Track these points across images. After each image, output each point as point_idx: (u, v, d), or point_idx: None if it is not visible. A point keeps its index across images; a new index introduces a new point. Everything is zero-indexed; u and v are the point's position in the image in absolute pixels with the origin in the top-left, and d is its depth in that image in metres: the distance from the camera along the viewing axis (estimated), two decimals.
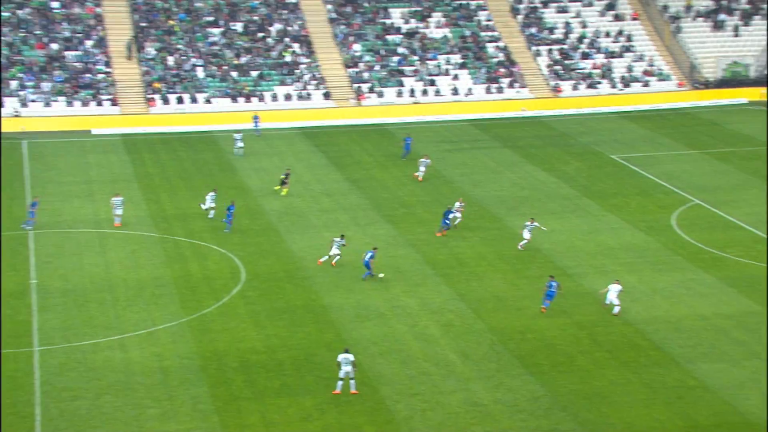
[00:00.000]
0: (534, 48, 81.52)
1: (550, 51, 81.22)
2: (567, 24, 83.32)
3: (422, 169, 57.41)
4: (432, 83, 77.20)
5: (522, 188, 56.10)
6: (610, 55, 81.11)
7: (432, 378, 34.00)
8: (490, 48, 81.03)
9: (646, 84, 78.72)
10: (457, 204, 49.52)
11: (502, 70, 78.92)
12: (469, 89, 76.99)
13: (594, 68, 79.85)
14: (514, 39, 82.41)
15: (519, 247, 45.72)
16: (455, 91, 76.82)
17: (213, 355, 35.29)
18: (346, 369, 32.38)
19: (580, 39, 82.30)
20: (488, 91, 77.18)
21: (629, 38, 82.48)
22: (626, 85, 78.51)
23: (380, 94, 75.89)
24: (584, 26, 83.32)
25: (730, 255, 44.34)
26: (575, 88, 78.26)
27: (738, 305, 39.06)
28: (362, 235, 48.11)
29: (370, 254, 42.03)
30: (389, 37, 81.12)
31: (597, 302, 39.73)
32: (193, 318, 38.29)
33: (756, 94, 77.15)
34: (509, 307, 39.76)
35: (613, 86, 78.42)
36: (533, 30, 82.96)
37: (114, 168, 59.71)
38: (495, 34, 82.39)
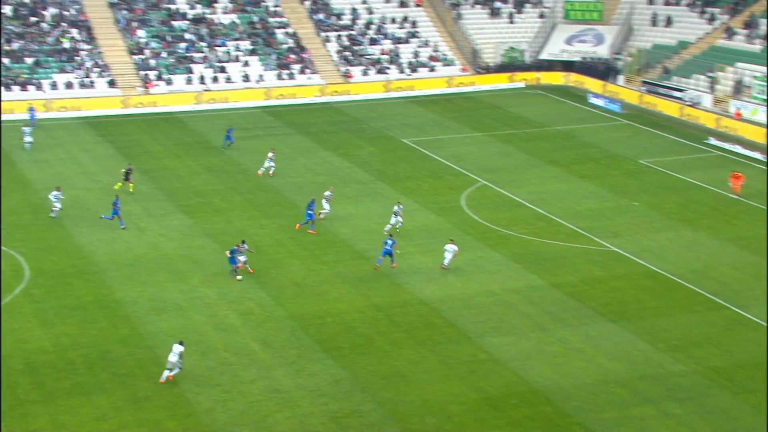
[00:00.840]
0: (323, 34, 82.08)
1: (339, 37, 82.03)
2: (354, 10, 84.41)
3: (268, 164, 55.20)
4: (222, 70, 76.18)
5: (317, 174, 56.43)
6: (397, 41, 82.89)
7: (233, 368, 33.70)
8: (280, 34, 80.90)
9: (432, 69, 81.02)
10: (327, 193, 48.52)
11: (293, 56, 78.98)
12: (261, 76, 76.54)
13: (382, 54, 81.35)
14: (302, 25, 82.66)
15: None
16: (246, 78, 76.16)
17: None
18: (171, 359, 32.10)
19: (368, 25, 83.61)
20: (280, 77, 77.01)
21: (414, 24, 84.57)
22: (413, 71, 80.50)
23: (169, 82, 74.12)
24: (371, 12, 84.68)
25: (515, 233, 46.50)
26: (365, 73, 79.43)
27: (524, 280, 41.02)
28: (157, 226, 46.93)
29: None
30: (175, 23, 79.37)
31: (394, 284, 40.64)
32: None
33: (532, 77, 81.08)
34: (309, 293, 39.97)
35: (402, 71, 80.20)
36: (321, 16, 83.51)
37: None
38: (284, 20, 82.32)
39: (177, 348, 32.47)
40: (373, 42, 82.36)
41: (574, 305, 38.44)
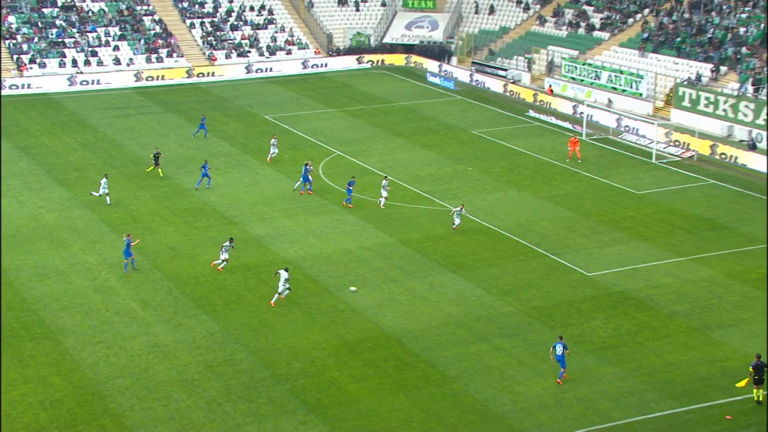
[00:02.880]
0: (188, 21, 79.73)
1: (202, 24, 79.87)
2: None
3: (274, 150, 52.00)
4: (94, 54, 72.92)
5: (188, 149, 55.00)
6: (256, 27, 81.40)
7: (114, 326, 32.71)
8: (147, 21, 78.02)
9: (288, 52, 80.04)
10: (308, 166, 46.26)
11: (160, 41, 76.38)
12: (131, 59, 73.74)
13: (243, 39, 79.76)
14: (168, 12, 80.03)
15: (380, 205, 44.45)
16: (117, 61, 73.22)
17: None
18: (280, 286, 33.70)
19: (229, 13, 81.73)
20: (149, 60, 74.38)
21: (271, 12, 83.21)
22: (272, 54, 79.30)
23: (42, 65, 70.39)
24: (231, 1, 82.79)
25: (367, 197, 46.78)
26: (228, 56, 77.72)
27: (376, 239, 41.38)
28: (37, 198, 44.79)
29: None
30: (46, 10, 75.29)
31: (261, 246, 40.25)
32: None
33: (378, 59, 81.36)
34: (183, 256, 39.09)
35: (261, 54, 78.89)
36: (185, 4, 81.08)
37: None
38: (150, 8, 79.44)
39: (284, 274, 33.72)
40: (234, 28, 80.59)
41: (420, 259, 39.09)
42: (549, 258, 39.07)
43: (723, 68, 61.46)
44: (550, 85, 68.93)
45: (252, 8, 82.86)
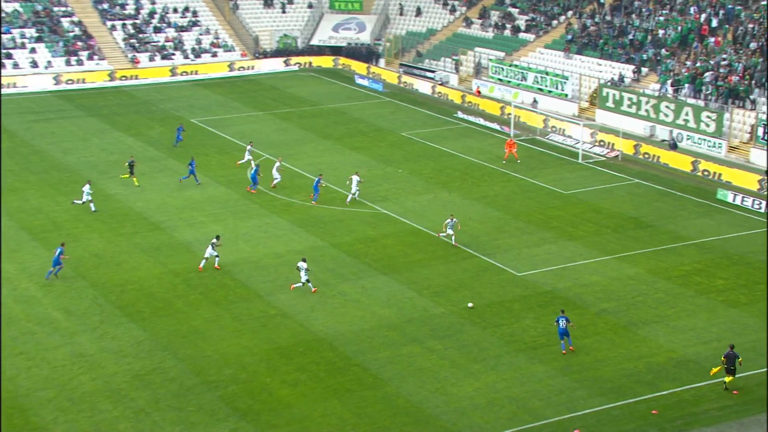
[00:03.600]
0: (109, 23, 78.26)
1: (124, 25, 78.51)
2: (137, 0, 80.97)
3: (248, 156, 51.25)
4: (9, 56, 70.96)
5: (111, 153, 53.99)
6: (180, 29, 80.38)
7: (36, 336, 31.89)
8: (66, 22, 76.31)
9: (214, 55, 79.24)
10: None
11: (80, 43, 74.79)
12: (49, 62, 72.00)
13: (167, 41, 78.66)
14: (87, 14, 78.48)
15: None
16: (34, 64, 71.40)
17: None
18: (301, 275, 35.44)
19: (151, 14, 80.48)
20: (68, 63, 72.74)
21: (195, 14, 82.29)
22: (197, 56, 78.41)
23: None
24: (153, 2, 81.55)
25: (297, 200, 46.62)
26: (152, 59, 76.55)
27: (306, 242, 41.26)
28: None
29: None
30: None
31: (189, 251, 39.73)
32: None
33: (305, 61, 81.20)
34: (108, 263, 38.34)
35: (186, 57, 77.92)
36: (105, 6, 79.56)
37: None
38: (68, 9, 77.76)
39: (302, 264, 35.34)
40: (158, 30, 79.43)
41: (351, 262, 39.13)
42: (479, 259, 39.52)
43: (644, 69, 63.20)
44: (478, 87, 69.82)
45: (175, 10, 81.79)
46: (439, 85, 72.18)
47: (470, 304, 34.79)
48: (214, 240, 37.96)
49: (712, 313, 34.32)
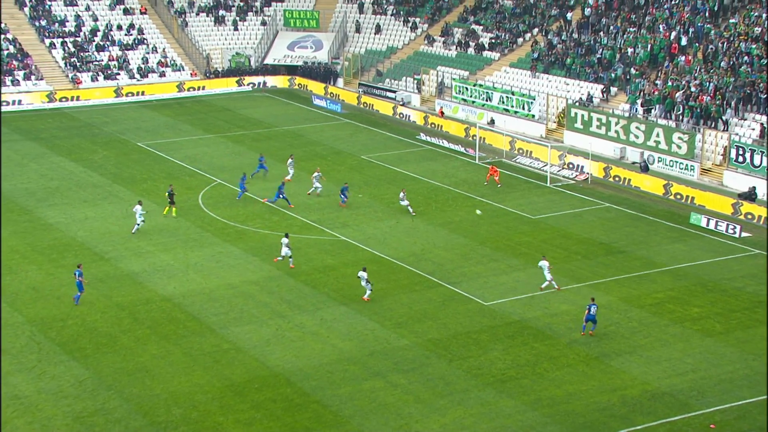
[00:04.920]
0: (47, 40, 77.73)
1: (64, 43, 78.00)
2: (78, 17, 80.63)
3: (291, 171, 53.96)
4: None
5: (51, 179, 53.42)
6: (125, 47, 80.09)
7: None
8: None
9: (162, 74, 79.02)
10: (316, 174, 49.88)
11: (15, 62, 74.11)
12: None
13: (111, 60, 78.29)
14: (23, 31, 78.00)
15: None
16: None
17: None
18: (363, 285, 37.65)
19: (93, 32, 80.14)
20: (3, 84, 71.98)
21: (141, 31, 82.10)
22: (144, 76, 78.13)
23: None
24: (96, 19, 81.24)
25: (251, 227, 46.48)
26: (94, 79, 76.11)
27: (261, 272, 41.11)
28: None
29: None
30: None
31: (136, 283, 39.33)
32: None
33: (259, 80, 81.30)
34: (47, 296, 37.81)
35: (132, 77, 77.59)
36: (43, 23, 79.04)
37: None
38: (2, 26, 77.09)
39: (363, 275, 37.77)
40: (101, 48, 79.08)
41: (309, 292, 39.04)
42: (445, 287, 39.65)
43: (613, 89, 64.29)
44: (441, 107, 70.42)
45: (120, 27, 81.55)
46: (401, 105, 72.65)
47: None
48: (285, 239, 40.93)
49: (686, 343, 34.75)
